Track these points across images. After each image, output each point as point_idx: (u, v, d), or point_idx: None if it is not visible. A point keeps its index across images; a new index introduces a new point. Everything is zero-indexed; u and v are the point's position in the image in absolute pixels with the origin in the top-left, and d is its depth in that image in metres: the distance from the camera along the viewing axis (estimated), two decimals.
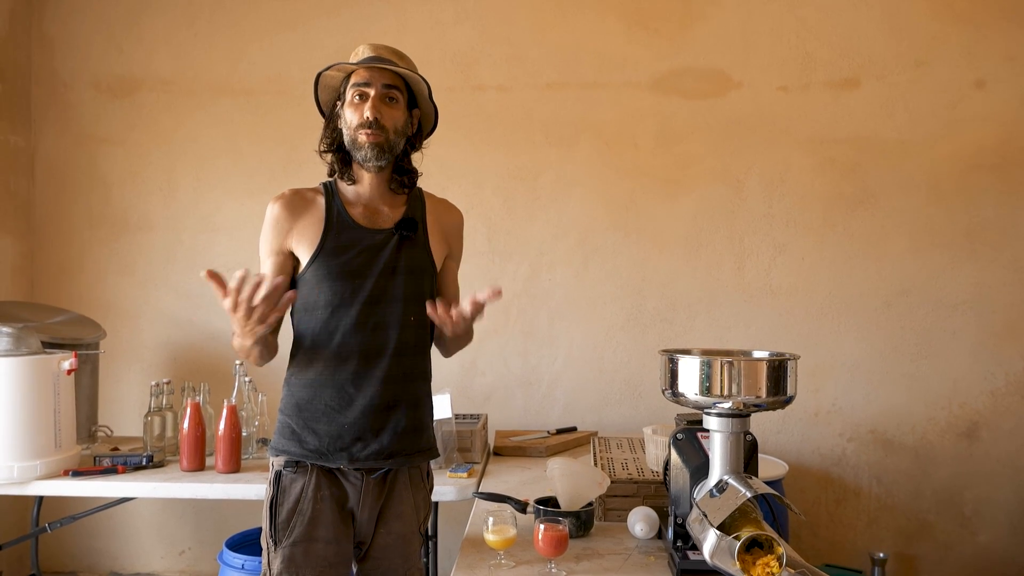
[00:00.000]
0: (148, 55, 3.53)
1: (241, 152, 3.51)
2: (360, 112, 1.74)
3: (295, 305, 1.78)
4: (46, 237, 3.56)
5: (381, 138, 1.73)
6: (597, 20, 3.42)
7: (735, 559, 1.40)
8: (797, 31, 3.36)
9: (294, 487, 1.71)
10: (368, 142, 1.73)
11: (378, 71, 1.75)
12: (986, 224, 3.32)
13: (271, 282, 1.52)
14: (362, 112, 1.73)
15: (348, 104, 1.76)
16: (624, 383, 3.43)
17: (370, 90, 1.74)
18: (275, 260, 1.77)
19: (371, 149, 1.73)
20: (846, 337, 3.36)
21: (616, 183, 3.43)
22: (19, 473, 2.42)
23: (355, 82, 1.75)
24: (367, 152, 1.74)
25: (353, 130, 1.74)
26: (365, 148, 1.73)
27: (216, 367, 3.36)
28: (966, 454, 3.34)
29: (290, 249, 1.76)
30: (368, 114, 1.72)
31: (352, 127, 1.74)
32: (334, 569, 1.72)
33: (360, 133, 1.73)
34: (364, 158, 1.75)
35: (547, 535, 1.65)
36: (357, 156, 1.76)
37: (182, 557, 3.58)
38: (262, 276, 1.55)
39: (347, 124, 1.76)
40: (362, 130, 1.73)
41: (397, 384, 1.75)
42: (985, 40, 3.30)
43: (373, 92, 1.74)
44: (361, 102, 1.74)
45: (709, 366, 1.57)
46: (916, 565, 3.37)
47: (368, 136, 1.73)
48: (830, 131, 3.36)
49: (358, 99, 1.75)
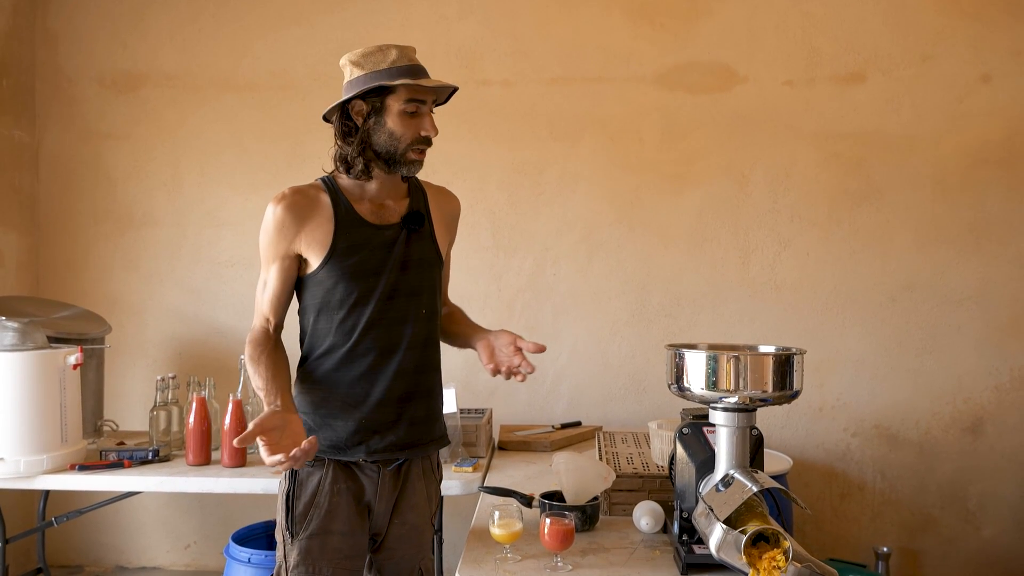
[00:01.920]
0: (152, 50, 3.53)
1: (246, 147, 3.51)
2: (415, 128, 1.70)
3: (306, 304, 1.78)
4: (51, 232, 3.57)
5: (425, 156, 1.75)
6: (602, 15, 3.42)
7: (741, 553, 1.41)
8: (802, 25, 3.35)
9: (311, 480, 1.72)
10: (418, 160, 1.73)
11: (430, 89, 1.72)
12: (991, 219, 3.31)
13: (309, 449, 1.52)
14: (417, 128, 1.71)
15: (396, 115, 1.69)
16: (629, 378, 3.43)
17: (425, 107, 1.72)
18: (281, 265, 1.74)
19: (418, 165, 1.74)
20: (851, 332, 3.36)
21: (621, 178, 3.42)
22: (25, 467, 2.43)
23: (410, 97, 1.69)
24: (413, 167, 1.74)
25: (405, 144, 1.71)
26: (413, 164, 1.73)
27: (221, 362, 3.37)
28: (970, 449, 3.33)
29: (297, 252, 1.74)
30: (431, 133, 1.71)
31: (404, 141, 1.70)
32: (350, 561, 1.74)
33: (412, 151, 1.72)
34: (410, 171, 1.74)
35: (553, 529, 1.65)
36: (400, 167, 1.73)
37: (188, 551, 3.59)
38: (311, 446, 1.53)
39: (395, 135, 1.70)
40: (416, 147, 1.71)
41: (411, 376, 1.77)
42: (991, 35, 3.29)
43: (428, 108, 1.72)
44: (415, 118, 1.71)
45: (715, 361, 1.57)
46: (920, 560, 3.37)
47: (420, 155, 1.73)
48: (835, 126, 3.35)
49: (412, 114, 1.70)
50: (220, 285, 3.53)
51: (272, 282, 1.75)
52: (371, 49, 1.71)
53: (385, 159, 1.73)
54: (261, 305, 1.77)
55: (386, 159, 1.73)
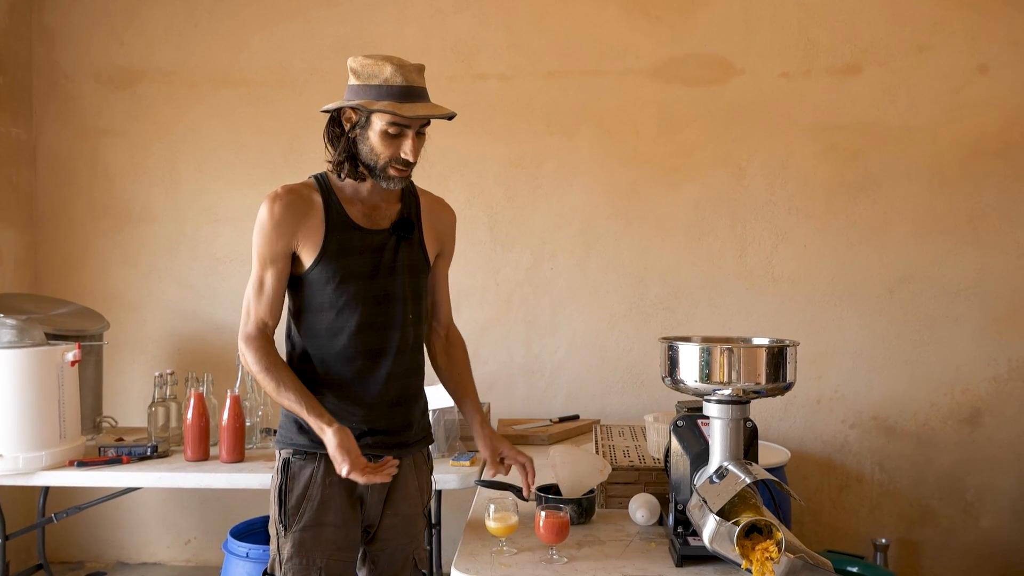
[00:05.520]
0: (149, 46, 3.53)
1: (243, 143, 3.51)
2: (395, 149, 1.68)
3: (296, 306, 1.78)
4: (49, 229, 3.57)
5: (408, 173, 1.73)
6: (598, 8, 3.41)
7: (734, 544, 1.41)
8: (799, 17, 3.35)
9: (303, 473, 1.73)
10: (397, 176, 1.71)
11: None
12: (989, 210, 3.31)
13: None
14: (397, 149, 1.68)
15: (379, 134, 1.67)
16: (626, 371, 3.43)
17: (409, 129, 1.68)
18: (279, 267, 1.72)
19: (399, 181, 1.72)
20: (848, 324, 3.36)
21: (618, 171, 3.42)
22: (24, 464, 2.43)
23: (393, 120, 1.66)
24: (392, 183, 1.72)
25: (383, 161, 1.69)
26: (392, 179, 1.71)
27: (219, 358, 3.37)
28: (968, 440, 3.34)
29: (293, 251, 1.72)
30: (410, 156, 1.69)
31: (383, 159, 1.69)
32: (343, 552, 1.75)
33: (392, 168, 1.70)
34: (388, 186, 1.73)
35: (548, 522, 1.66)
36: (379, 180, 1.72)
37: (187, 546, 3.61)
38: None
39: (375, 151, 1.69)
40: (395, 165, 1.70)
41: (399, 381, 1.78)
42: (988, 25, 3.28)
43: (412, 131, 1.69)
44: (396, 139, 1.68)
45: (708, 353, 1.58)
46: (918, 551, 3.38)
47: (400, 172, 1.71)
48: (832, 118, 3.34)
49: (392, 136, 1.68)
50: (218, 281, 3.53)
51: (270, 282, 1.72)
52: (371, 60, 1.68)
53: (367, 168, 1.72)
54: (257, 308, 1.73)
55: (368, 169, 1.72)
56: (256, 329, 1.73)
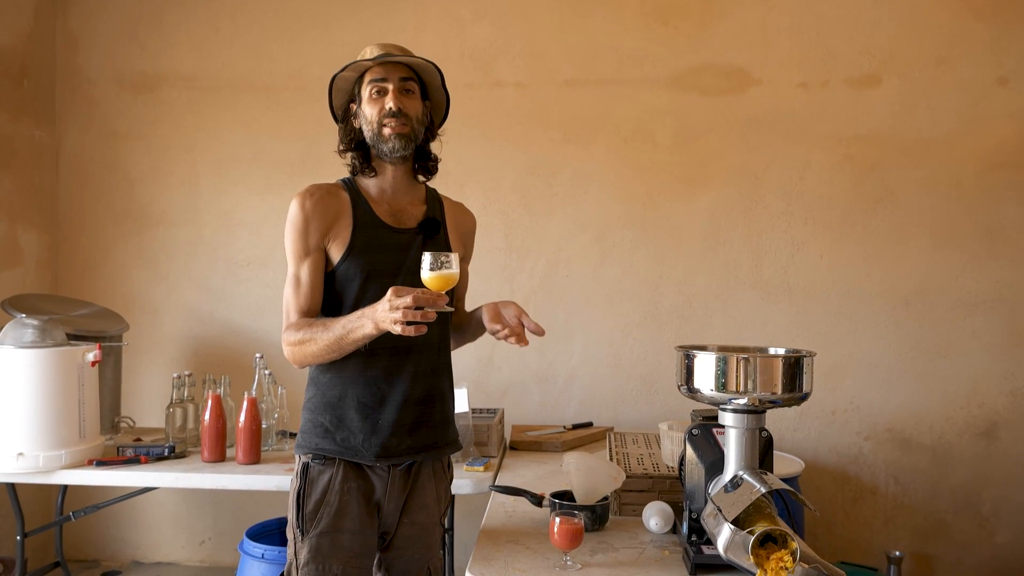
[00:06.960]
0: (170, 52, 3.57)
1: (262, 148, 3.55)
2: (381, 105, 1.75)
3: (322, 303, 1.79)
4: (70, 231, 3.62)
5: (407, 128, 1.75)
6: (616, 17, 3.42)
7: (749, 553, 1.41)
8: (817, 28, 3.35)
9: (321, 479, 1.74)
10: (394, 132, 1.74)
11: (392, 65, 1.77)
12: (1007, 223, 3.29)
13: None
14: (383, 105, 1.75)
15: (367, 101, 1.77)
16: (640, 379, 3.43)
17: (388, 84, 1.76)
18: (314, 259, 1.74)
19: (398, 139, 1.75)
20: (864, 335, 3.35)
21: (633, 180, 3.43)
22: (44, 462, 2.47)
23: (372, 79, 1.76)
24: (394, 143, 1.75)
25: (376, 123, 1.75)
26: (392, 139, 1.74)
27: (237, 360, 3.40)
28: (984, 454, 3.31)
29: (325, 245, 1.75)
30: (391, 105, 1.74)
31: (374, 120, 1.75)
32: (359, 559, 1.76)
33: (385, 125, 1.74)
34: (391, 150, 1.76)
35: (562, 528, 1.66)
36: (383, 149, 1.76)
37: (203, 547, 3.63)
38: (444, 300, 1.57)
39: (368, 119, 1.77)
40: (387, 120, 1.74)
41: (426, 379, 1.80)
42: (1008, 37, 3.27)
43: (392, 85, 1.76)
44: (380, 97, 1.76)
45: (725, 362, 1.58)
46: (932, 565, 3.35)
47: (393, 126, 1.74)
48: (850, 129, 3.34)
49: (376, 94, 1.76)
50: (236, 284, 3.56)
51: (306, 276, 1.74)
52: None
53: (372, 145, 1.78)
54: (297, 301, 1.74)
55: (372, 144, 1.78)
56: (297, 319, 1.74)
